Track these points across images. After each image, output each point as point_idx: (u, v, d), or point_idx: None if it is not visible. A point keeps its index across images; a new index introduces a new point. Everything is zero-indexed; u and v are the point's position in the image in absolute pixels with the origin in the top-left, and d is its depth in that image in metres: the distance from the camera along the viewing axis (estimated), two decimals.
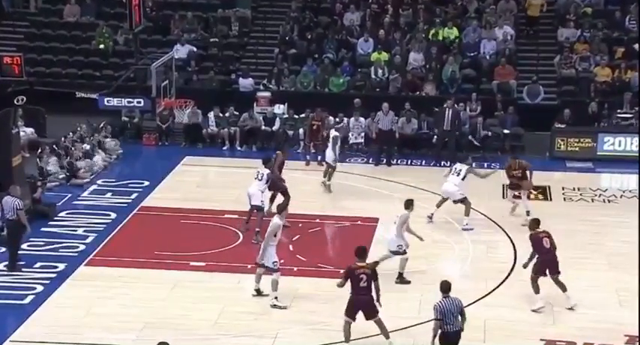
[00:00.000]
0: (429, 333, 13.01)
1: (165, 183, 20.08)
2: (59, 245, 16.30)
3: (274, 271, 13.83)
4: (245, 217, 16.95)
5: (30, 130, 21.92)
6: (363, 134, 22.64)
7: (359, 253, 12.51)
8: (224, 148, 22.93)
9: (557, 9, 26.55)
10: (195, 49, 25.86)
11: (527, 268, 14.06)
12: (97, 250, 16.17)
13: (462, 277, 15.01)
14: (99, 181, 20.06)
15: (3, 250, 15.96)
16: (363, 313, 12.42)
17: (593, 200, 19.36)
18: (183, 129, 23.38)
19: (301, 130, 22.59)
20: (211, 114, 23.17)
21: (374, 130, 22.18)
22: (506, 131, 22.82)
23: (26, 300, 14.17)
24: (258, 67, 25.74)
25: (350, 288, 12.41)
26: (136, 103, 18.91)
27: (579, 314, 13.86)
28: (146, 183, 19.86)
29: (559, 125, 22.67)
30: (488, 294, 14.22)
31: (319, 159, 20.95)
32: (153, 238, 16.78)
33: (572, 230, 17.37)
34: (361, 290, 12.30)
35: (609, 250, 16.35)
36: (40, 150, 20.12)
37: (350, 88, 24.54)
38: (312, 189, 19.61)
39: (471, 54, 25.33)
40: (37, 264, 15.47)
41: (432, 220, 17.30)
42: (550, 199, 19.50)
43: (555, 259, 13.79)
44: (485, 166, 21.41)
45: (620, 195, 19.61)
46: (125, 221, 17.63)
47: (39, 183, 18.05)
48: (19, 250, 15.40)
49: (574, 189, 20.00)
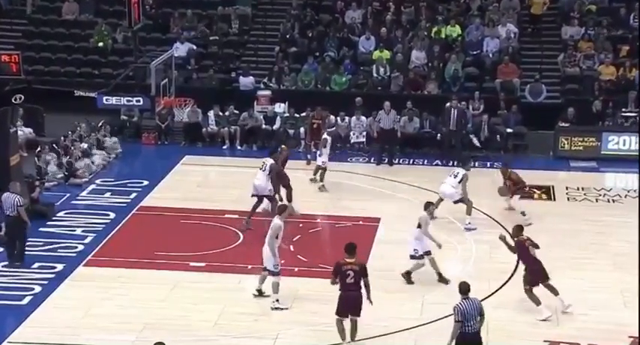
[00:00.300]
0: (431, 334, 13.06)
1: (165, 182, 20.09)
2: (57, 245, 16.32)
3: (275, 274, 13.84)
4: (249, 213, 17.11)
5: (28, 130, 21.96)
6: (364, 133, 22.65)
7: (348, 249, 12.57)
8: (224, 147, 22.94)
9: (561, 6, 26.52)
10: (195, 47, 25.87)
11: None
12: (95, 251, 16.19)
13: (465, 278, 14.96)
14: (98, 181, 20.07)
15: (0, 250, 16.00)
16: (348, 309, 12.47)
17: (597, 200, 19.36)
18: (182, 128, 23.39)
19: (302, 129, 22.60)
20: (211, 113, 23.18)
21: (375, 129, 22.18)
22: (510, 130, 22.82)
23: (24, 301, 14.19)
24: (258, 65, 25.74)
25: (339, 285, 12.49)
26: (135, 101, 18.85)
27: (583, 315, 13.87)
28: (145, 182, 19.88)
29: (563, 124, 22.66)
30: (491, 294, 14.22)
31: (308, 156, 21.01)
32: (152, 238, 16.79)
33: (575, 230, 17.39)
34: (349, 286, 12.39)
35: (613, 251, 16.35)
36: (40, 149, 20.15)
37: (351, 86, 24.54)
38: (312, 189, 19.61)
39: (474, 52, 25.32)
40: (36, 264, 15.49)
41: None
42: (554, 198, 19.51)
43: (543, 266, 13.75)
44: (488, 166, 21.47)
45: (625, 195, 19.60)
46: (124, 221, 17.64)
47: (37, 183, 18.07)
48: (25, 245, 15.55)
49: (578, 189, 20.00)
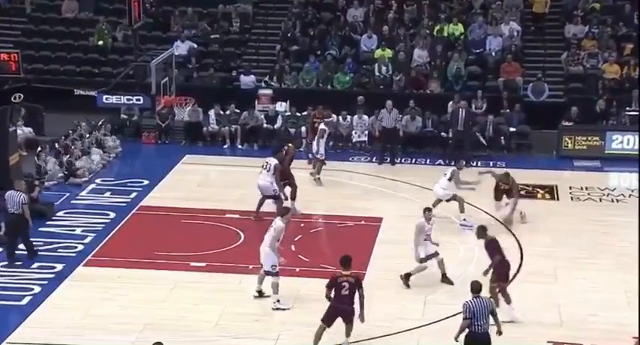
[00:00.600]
0: (433, 335, 13.07)
1: (165, 182, 20.12)
2: (57, 245, 16.33)
3: (274, 275, 13.87)
4: (254, 212, 17.34)
5: (28, 130, 21.99)
6: (366, 132, 22.67)
7: (343, 262, 12.62)
8: (225, 146, 22.96)
9: (565, 4, 26.52)
10: (196, 45, 25.89)
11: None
12: (95, 251, 16.21)
13: (467, 278, 14.99)
14: (98, 180, 20.09)
15: (0, 250, 16.04)
16: (341, 318, 12.52)
17: (601, 200, 19.37)
18: (183, 127, 23.41)
19: (303, 129, 22.63)
20: (212, 112, 23.20)
21: (377, 128, 22.20)
22: (513, 129, 22.83)
23: (24, 301, 14.21)
24: (259, 64, 25.76)
25: (333, 296, 12.48)
26: (135, 100, 18.89)
27: (587, 316, 13.89)
28: (146, 182, 19.90)
29: (566, 123, 22.66)
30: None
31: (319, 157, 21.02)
32: (152, 238, 16.81)
33: (579, 230, 17.40)
34: (343, 299, 12.42)
35: (617, 251, 16.36)
36: (40, 148, 20.19)
37: (353, 85, 24.56)
38: (314, 188, 19.63)
39: (477, 51, 25.33)
40: (35, 264, 15.52)
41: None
42: (557, 198, 19.51)
43: (507, 270, 13.69)
44: (491, 165, 21.47)
45: (629, 194, 19.60)
46: (124, 221, 17.66)
47: (36, 182, 18.09)
48: (32, 242, 15.68)
49: (582, 188, 20.00)
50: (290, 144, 18.72)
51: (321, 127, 20.24)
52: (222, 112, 23.25)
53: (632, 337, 13.05)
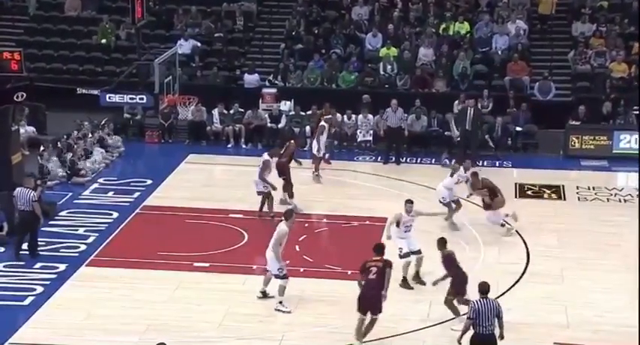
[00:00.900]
0: (438, 336, 13.06)
1: (169, 181, 20.13)
2: (60, 245, 16.36)
3: (282, 278, 13.87)
4: (264, 209, 17.63)
5: (31, 129, 22.02)
6: (371, 132, 22.67)
7: (376, 248, 13.00)
8: (228, 145, 22.98)
9: (572, 2, 26.49)
10: (200, 44, 25.92)
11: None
12: (98, 251, 16.23)
13: (473, 279, 14.98)
14: (100, 180, 20.12)
15: (2, 250, 16.09)
16: (365, 304, 12.62)
17: (608, 200, 19.34)
18: (186, 126, 23.43)
19: (307, 128, 22.63)
20: (216, 111, 23.22)
21: (382, 128, 22.20)
22: (519, 129, 22.81)
23: (26, 301, 14.24)
24: (263, 62, 25.77)
25: (364, 283, 12.72)
26: (139, 99, 19.03)
27: (594, 317, 13.88)
28: (149, 181, 19.92)
29: (573, 122, 22.64)
30: (499, 296, 14.20)
31: (327, 157, 21.03)
32: (156, 238, 16.83)
33: (586, 231, 17.38)
34: (370, 282, 12.65)
35: (625, 251, 16.33)
36: (43, 148, 20.22)
37: (358, 84, 24.56)
38: (319, 188, 19.65)
39: (483, 49, 25.31)
40: (38, 264, 15.54)
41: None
42: (564, 198, 19.49)
43: (464, 281, 13.52)
44: (497, 165, 21.47)
45: (637, 194, 19.55)
46: (127, 221, 17.68)
47: (39, 181, 18.10)
48: (37, 240, 15.83)
49: (589, 188, 19.98)
50: (291, 141, 18.78)
51: (321, 123, 20.30)
52: (225, 111, 23.26)
53: None
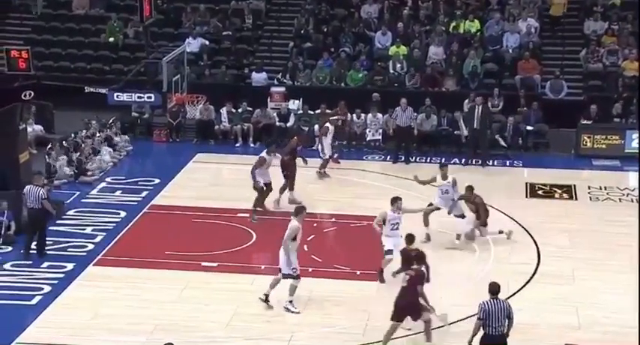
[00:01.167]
0: (448, 336, 13.05)
1: (176, 181, 20.17)
2: (67, 244, 16.41)
3: (294, 278, 13.84)
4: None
5: (39, 128, 22.11)
6: (380, 131, 22.66)
7: (407, 239, 13.56)
8: (237, 144, 23.02)
9: (584, 0, 26.40)
10: (208, 42, 25.95)
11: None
12: (106, 250, 16.28)
13: (483, 279, 14.97)
14: (108, 179, 20.18)
15: (9, 249, 16.15)
16: (404, 312, 12.71)
17: (620, 200, 19.28)
18: (194, 125, 23.47)
19: (316, 127, 22.63)
20: (224, 110, 23.26)
21: (392, 127, 22.18)
22: (530, 128, 22.76)
23: (34, 301, 14.29)
24: (272, 61, 25.79)
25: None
26: (147, 98, 18.94)
27: (605, 318, 13.84)
28: (157, 181, 19.96)
29: (585, 121, 22.58)
30: (510, 296, 14.17)
31: (336, 156, 21.05)
32: (163, 237, 16.86)
33: (598, 231, 17.34)
34: (402, 290, 12.68)
35: (637, 252, 16.25)
36: (50, 146, 20.29)
37: (367, 83, 24.55)
38: (327, 187, 19.66)
39: (494, 47, 25.26)
40: (45, 264, 15.60)
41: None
42: (575, 198, 19.45)
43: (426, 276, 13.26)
44: (507, 165, 21.43)
45: (637, 194, 19.46)
46: (135, 220, 17.73)
47: (45, 181, 18.17)
48: (46, 239, 15.91)
49: (601, 188, 19.93)
50: (294, 138, 18.84)
51: (326, 125, 20.30)
52: (234, 110, 23.30)
53: None
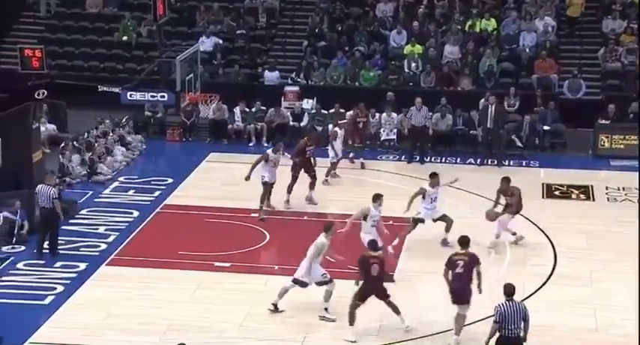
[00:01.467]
0: (463, 338, 13.02)
1: (190, 180, 20.22)
2: (80, 244, 16.49)
3: (327, 283, 13.75)
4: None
5: (52, 127, 22.21)
6: (395, 131, 22.64)
7: (461, 241, 13.23)
8: (250, 144, 23.04)
9: None
10: (221, 41, 25.99)
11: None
12: (118, 250, 16.34)
13: (499, 281, 14.92)
14: (121, 178, 20.25)
15: (23, 249, 16.23)
16: (453, 297, 12.82)
17: (638, 201, 19.17)
18: (208, 124, 23.52)
19: (330, 126, 22.61)
20: (237, 109, 23.29)
21: (406, 126, 22.15)
22: (547, 128, 22.68)
23: (46, 300, 14.36)
24: (286, 60, 25.81)
25: (450, 277, 12.91)
26: (160, 97, 19.03)
27: (622, 320, 13.78)
28: (170, 180, 20.02)
29: (603, 121, 22.49)
30: (526, 298, 14.14)
31: (351, 155, 21.07)
32: (176, 237, 16.90)
33: (615, 232, 17.28)
34: (457, 276, 12.84)
35: None
36: (63, 145, 20.37)
37: (382, 82, 24.52)
38: (341, 188, 19.67)
39: (510, 46, 25.19)
40: (58, 263, 15.67)
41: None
42: (593, 199, 19.37)
43: (382, 285, 13.22)
44: (524, 165, 21.36)
45: (638, 194, 19.37)
46: (148, 220, 17.79)
47: (57, 180, 18.23)
48: (58, 239, 15.96)
49: (618, 189, 19.86)
50: (305, 138, 18.84)
51: (334, 129, 20.32)
52: (247, 110, 23.33)
53: None
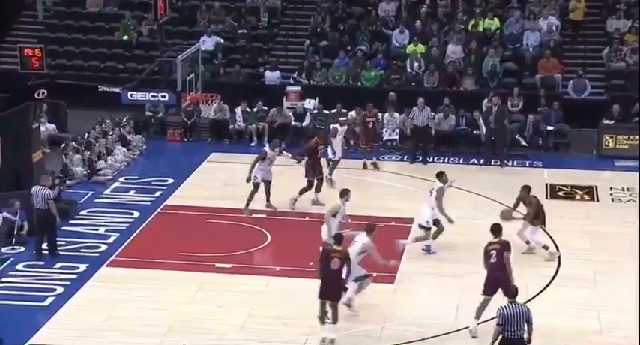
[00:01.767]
0: (465, 340, 13.03)
1: (190, 181, 20.22)
2: (80, 245, 16.48)
3: (364, 279, 13.76)
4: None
5: (52, 127, 22.21)
6: (397, 131, 22.63)
7: (493, 229, 13.32)
8: (251, 144, 23.03)
9: None
10: (223, 40, 26.00)
11: None
12: (119, 251, 16.34)
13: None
14: (121, 179, 20.25)
15: (22, 250, 16.23)
16: (502, 289, 12.78)
17: (638, 201, 19.16)
18: (209, 124, 23.52)
19: (332, 126, 22.58)
20: (238, 109, 23.29)
21: (409, 127, 22.15)
22: (551, 128, 22.66)
23: (46, 302, 14.36)
24: (288, 59, 25.81)
25: (488, 266, 13.03)
26: (161, 97, 19.09)
27: (626, 322, 13.75)
28: (170, 180, 20.02)
29: (607, 121, 22.47)
30: (529, 300, 14.12)
31: (374, 159, 21.10)
32: (177, 238, 16.90)
33: (620, 233, 17.25)
34: (493, 265, 12.99)
35: None
36: (65, 145, 20.36)
37: (384, 82, 24.52)
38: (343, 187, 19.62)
39: (513, 46, 25.18)
40: (58, 264, 15.67)
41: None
42: (597, 199, 19.35)
43: (340, 285, 13.07)
44: (527, 165, 21.35)
45: (638, 194, 19.34)
46: (148, 220, 17.78)
47: (57, 181, 18.23)
48: (56, 240, 15.95)
49: (623, 189, 19.83)
50: (314, 138, 18.82)
51: (334, 126, 20.14)
52: (249, 110, 23.33)
53: None
